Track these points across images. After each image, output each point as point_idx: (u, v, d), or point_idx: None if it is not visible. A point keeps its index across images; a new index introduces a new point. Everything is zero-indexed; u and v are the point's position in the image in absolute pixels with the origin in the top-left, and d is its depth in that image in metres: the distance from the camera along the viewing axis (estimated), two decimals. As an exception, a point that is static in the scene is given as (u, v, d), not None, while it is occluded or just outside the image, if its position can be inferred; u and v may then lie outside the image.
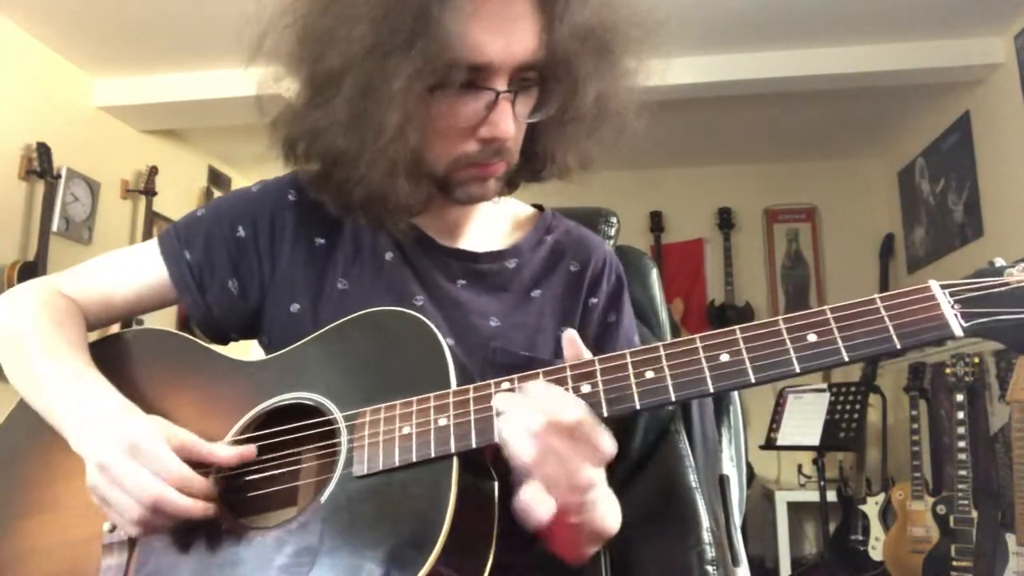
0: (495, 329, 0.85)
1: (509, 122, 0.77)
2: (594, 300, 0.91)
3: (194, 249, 0.89)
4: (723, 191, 4.52)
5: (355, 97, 0.75)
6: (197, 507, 0.69)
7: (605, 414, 0.63)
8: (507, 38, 0.75)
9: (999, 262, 0.60)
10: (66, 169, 3.25)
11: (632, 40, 0.83)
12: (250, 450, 0.73)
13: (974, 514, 2.83)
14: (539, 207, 0.99)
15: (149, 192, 3.69)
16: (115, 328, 1.00)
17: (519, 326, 0.86)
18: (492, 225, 0.94)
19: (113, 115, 3.61)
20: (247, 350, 0.91)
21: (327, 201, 0.85)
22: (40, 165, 3.07)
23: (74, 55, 3.32)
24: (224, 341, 0.93)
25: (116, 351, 0.87)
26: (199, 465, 0.71)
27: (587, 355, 0.68)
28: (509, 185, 0.92)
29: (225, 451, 0.72)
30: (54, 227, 3.14)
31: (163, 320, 3.80)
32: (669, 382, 0.63)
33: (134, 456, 0.69)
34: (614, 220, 1.19)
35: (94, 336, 0.89)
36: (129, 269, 0.92)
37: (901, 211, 4.29)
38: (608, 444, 0.62)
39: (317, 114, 0.79)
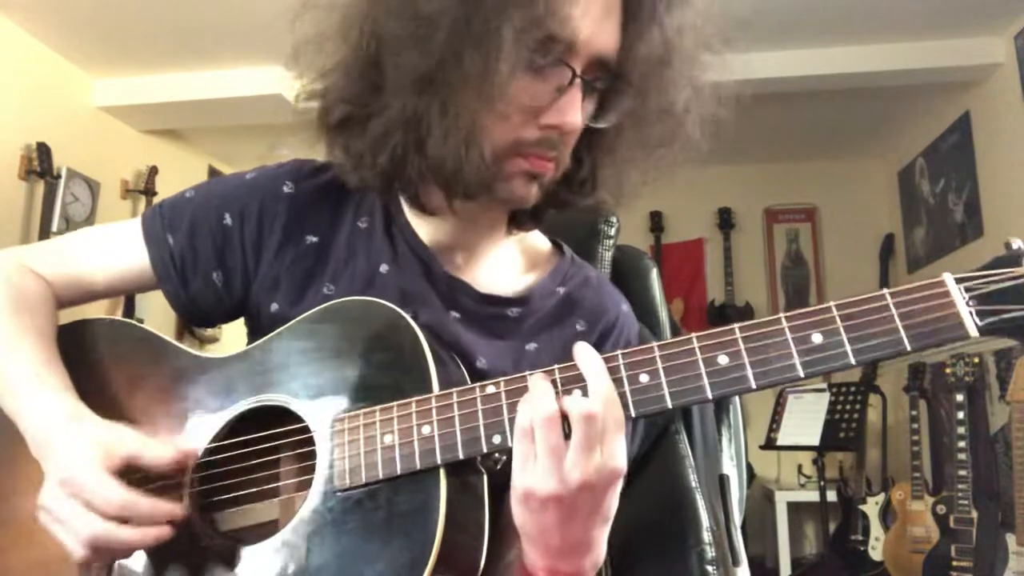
0: (479, 371, 0.79)
1: (578, 110, 0.71)
2: None
3: (178, 234, 0.83)
4: (723, 191, 4.51)
5: (446, 47, 0.67)
6: (146, 536, 0.65)
7: None
8: (596, 24, 0.70)
9: (1016, 243, 0.55)
10: (66, 169, 3.24)
11: (701, 67, 0.78)
12: (188, 453, 0.70)
13: (974, 514, 2.83)
14: (558, 244, 0.93)
15: (149, 192, 3.69)
16: (120, 311, 0.98)
17: (506, 374, 0.80)
18: (505, 262, 0.87)
19: (113, 115, 3.61)
20: (240, 339, 0.90)
21: (367, 178, 0.77)
22: (40, 165, 3.07)
23: (74, 55, 3.32)
24: (208, 326, 0.89)
25: (85, 342, 0.82)
26: (161, 476, 0.68)
27: None
28: (535, 217, 0.85)
29: (164, 453, 0.69)
30: (54, 227, 3.13)
31: (165, 315, 3.79)
32: (665, 389, 0.59)
33: (70, 492, 0.65)
34: (614, 220, 1.19)
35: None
36: (108, 249, 0.86)
37: (901, 211, 4.29)
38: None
39: (381, 74, 0.71)
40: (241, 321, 0.91)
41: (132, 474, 0.68)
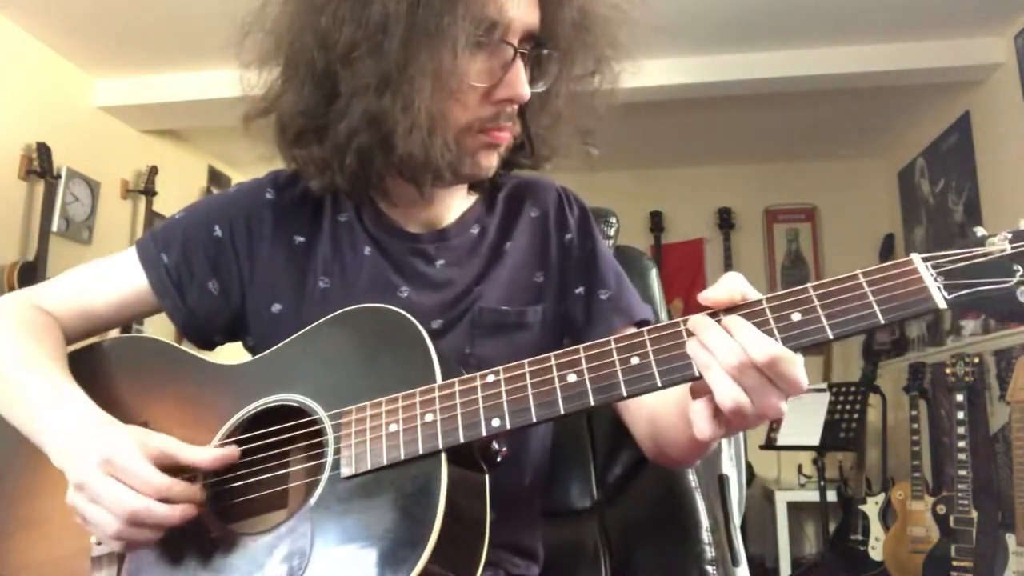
0: (478, 292, 0.86)
1: (525, 81, 0.78)
2: (569, 236, 0.92)
3: (171, 252, 0.88)
4: (723, 191, 4.51)
5: (401, 48, 0.73)
6: (176, 513, 0.67)
7: (592, 403, 0.63)
8: (522, 3, 0.78)
9: (981, 232, 0.60)
10: (66, 169, 3.25)
11: (614, 37, 0.86)
12: (233, 452, 0.72)
13: (974, 514, 2.83)
14: None
15: (149, 192, 3.69)
16: (114, 333, 0.99)
17: (495, 282, 0.87)
18: (447, 202, 0.92)
19: (113, 115, 3.61)
20: (233, 353, 0.91)
21: (335, 180, 0.82)
22: (40, 165, 3.07)
23: (74, 55, 3.32)
24: (210, 346, 0.92)
25: (96, 361, 0.86)
26: (181, 471, 0.70)
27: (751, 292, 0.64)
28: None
29: (206, 455, 0.71)
30: (54, 227, 3.14)
31: (164, 329, 3.79)
32: (655, 368, 0.62)
33: (110, 471, 0.68)
34: (614, 220, 1.19)
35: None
36: (108, 278, 0.90)
37: (901, 211, 4.29)
38: (802, 377, 0.59)
39: (334, 84, 0.77)
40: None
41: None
